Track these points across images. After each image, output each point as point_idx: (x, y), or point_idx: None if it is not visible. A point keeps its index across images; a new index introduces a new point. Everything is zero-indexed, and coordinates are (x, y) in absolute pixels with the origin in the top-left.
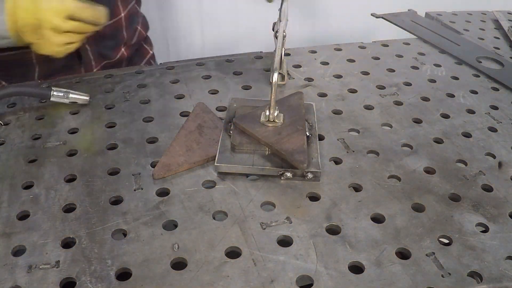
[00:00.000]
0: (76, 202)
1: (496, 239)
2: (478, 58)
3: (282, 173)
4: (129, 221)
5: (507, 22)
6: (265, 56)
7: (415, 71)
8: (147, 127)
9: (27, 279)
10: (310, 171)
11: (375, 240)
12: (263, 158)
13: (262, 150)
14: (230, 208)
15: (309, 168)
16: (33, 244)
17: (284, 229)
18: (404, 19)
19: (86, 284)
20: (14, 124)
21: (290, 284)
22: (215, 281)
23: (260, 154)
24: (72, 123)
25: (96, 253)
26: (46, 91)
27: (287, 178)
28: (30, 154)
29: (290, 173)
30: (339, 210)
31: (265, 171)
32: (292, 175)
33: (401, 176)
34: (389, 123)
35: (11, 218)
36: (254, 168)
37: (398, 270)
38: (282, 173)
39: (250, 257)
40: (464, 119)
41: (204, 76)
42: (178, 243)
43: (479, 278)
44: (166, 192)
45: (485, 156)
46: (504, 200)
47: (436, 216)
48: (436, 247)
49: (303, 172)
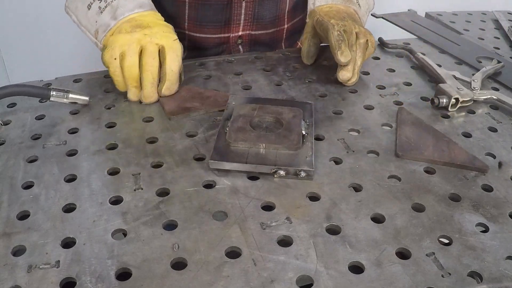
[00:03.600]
0: (76, 202)
1: (496, 239)
2: (478, 58)
3: (275, 171)
4: (129, 221)
5: (507, 22)
6: (265, 56)
7: (415, 71)
8: (147, 127)
9: (27, 279)
10: (303, 169)
11: (375, 240)
12: (257, 156)
13: (257, 148)
14: (230, 208)
15: (302, 167)
16: (33, 244)
17: (284, 229)
18: (404, 19)
19: (86, 284)
20: (14, 124)
21: (290, 284)
22: (215, 281)
23: (255, 152)
24: (72, 123)
25: (96, 253)
26: (46, 91)
27: (280, 176)
28: (30, 154)
29: (283, 171)
30: (339, 210)
31: (258, 169)
32: (285, 173)
33: (401, 176)
34: (389, 123)
35: (11, 218)
36: (247, 166)
37: (398, 270)
38: (275, 171)
39: (250, 257)
40: (464, 119)
41: (204, 76)
42: (178, 243)
43: (479, 278)
44: (166, 192)
45: (485, 156)
46: (504, 200)
47: (436, 216)
48: (436, 247)
49: (296, 170)
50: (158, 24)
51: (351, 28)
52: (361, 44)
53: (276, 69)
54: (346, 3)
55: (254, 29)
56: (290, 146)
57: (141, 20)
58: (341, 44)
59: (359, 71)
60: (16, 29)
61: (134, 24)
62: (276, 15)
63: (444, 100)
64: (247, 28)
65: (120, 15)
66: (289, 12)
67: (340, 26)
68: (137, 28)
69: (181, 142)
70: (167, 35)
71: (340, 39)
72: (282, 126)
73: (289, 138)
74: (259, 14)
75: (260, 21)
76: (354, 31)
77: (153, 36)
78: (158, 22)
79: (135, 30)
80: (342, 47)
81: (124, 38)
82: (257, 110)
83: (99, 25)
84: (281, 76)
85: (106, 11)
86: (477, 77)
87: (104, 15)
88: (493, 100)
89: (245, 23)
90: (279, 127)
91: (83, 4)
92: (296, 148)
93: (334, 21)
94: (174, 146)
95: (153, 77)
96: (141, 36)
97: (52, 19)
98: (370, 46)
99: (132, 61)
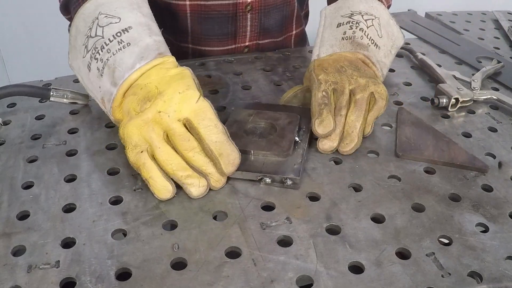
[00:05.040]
0: (76, 202)
1: (496, 239)
2: (478, 58)
3: (261, 178)
4: (129, 221)
5: (507, 22)
6: (265, 56)
7: (415, 71)
8: None
9: (27, 279)
10: (288, 177)
11: (375, 240)
12: (245, 162)
13: (246, 154)
14: (230, 208)
15: (288, 175)
16: (33, 244)
17: (284, 229)
18: (404, 19)
19: (86, 284)
20: (14, 124)
21: (290, 284)
22: (215, 281)
23: (243, 159)
24: (72, 123)
25: (96, 253)
26: (46, 91)
27: (266, 183)
28: (30, 154)
29: (269, 179)
30: (339, 210)
31: (244, 175)
32: (271, 181)
33: (401, 176)
34: (389, 123)
35: (11, 218)
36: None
37: (398, 270)
38: (260, 178)
39: (250, 257)
40: (464, 119)
41: (204, 76)
42: (178, 243)
43: (479, 278)
44: None
45: (485, 156)
46: (504, 200)
47: (436, 216)
48: (436, 247)
49: (282, 178)
50: (168, 82)
51: (344, 85)
52: (358, 101)
53: (276, 69)
54: (355, 49)
55: (261, 38)
56: (279, 153)
57: (145, 84)
58: (323, 110)
59: (360, 135)
60: (16, 29)
61: (140, 96)
62: (282, 23)
63: (444, 100)
64: (254, 38)
65: (120, 79)
66: (296, 18)
67: (329, 84)
68: (146, 103)
69: None
70: (185, 98)
71: (324, 102)
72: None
73: (279, 144)
74: (265, 24)
75: (267, 31)
76: (348, 88)
77: (169, 108)
78: (168, 77)
79: (144, 107)
80: (323, 114)
81: (136, 127)
82: (253, 116)
83: (103, 93)
84: (281, 76)
85: (105, 74)
86: (477, 77)
87: (104, 79)
88: (493, 100)
89: (252, 34)
90: (273, 133)
91: (83, 65)
92: (285, 155)
93: (323, 77)
94: None
95: (203, 156)
96: (156, 115)
97: (52, 19)
98: (378, 98)
99: (165, 151)
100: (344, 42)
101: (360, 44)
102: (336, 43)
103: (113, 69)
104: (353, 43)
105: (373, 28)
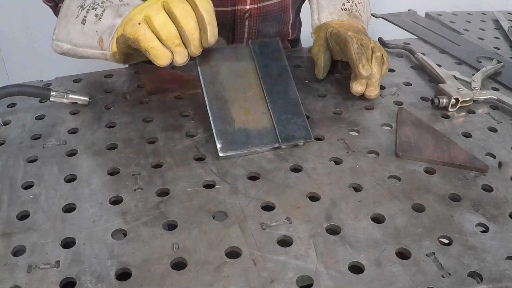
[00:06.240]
0: (76, 202)
1: (496, 239)
2: (478, 58)
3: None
4: (129, 221)
5: (507, 22)
6: None
7: (415, 71)
8: (147, 127)
9: (27, 279)
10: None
11: (375, 240)
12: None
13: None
14: (230, 208)
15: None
16: (33, 244)
17: (284, 229)
18: (404, 19)
19: (86, 284)
20: (14, 124)
21: (290, 284)
22: (215, 281)
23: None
24: (72, 123)
25: (96, 253)
26: (46, 91)
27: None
28: (30, 154)
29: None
30: (339, 210)
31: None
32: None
33: (401, 176)
34: (389, 123)
35: (11, 218)
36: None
37: (398, 270)
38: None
39: (250, 257)
40: (464, 119)
41: None
42: (178, 243)
43: (479, 278)
44: (166, 192)
45: (485, 156)
46: (504, 200)
47: (436, 216)
48: (436, 247)
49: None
50: None
51: (367, 42)
52: (378, 58)
53: None
54: (354, 20)
55: None
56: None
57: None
58: (361, 57)
59: (379, 85)
60: (16, 29)
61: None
62: (279, 30)
63: (444, 100)
64: None
65: (126, 11)
66: (292, 25)
67: (358, 39)
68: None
69: (181, 142)
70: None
71: (360, 52)
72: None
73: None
74: (263, 30)
75: (264, 37)
76: (370, 45)
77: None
78: None
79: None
80: (362, 60)
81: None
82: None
83: (102, 32)
84: None
85: (106, 15)
86: (477, 77)
87: (104, 19)
88: (493, 100)
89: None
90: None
91: (75, 24)
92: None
93: (352, 34)
94: (174, 146)
95: (194, 21)
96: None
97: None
98: (386, 61)
99: (161, 17)
100: (342, 12)
101: (357, 17)
102: (335, 12)
103: (118, 6)
104: (350, 15)
105: (362, 5)
